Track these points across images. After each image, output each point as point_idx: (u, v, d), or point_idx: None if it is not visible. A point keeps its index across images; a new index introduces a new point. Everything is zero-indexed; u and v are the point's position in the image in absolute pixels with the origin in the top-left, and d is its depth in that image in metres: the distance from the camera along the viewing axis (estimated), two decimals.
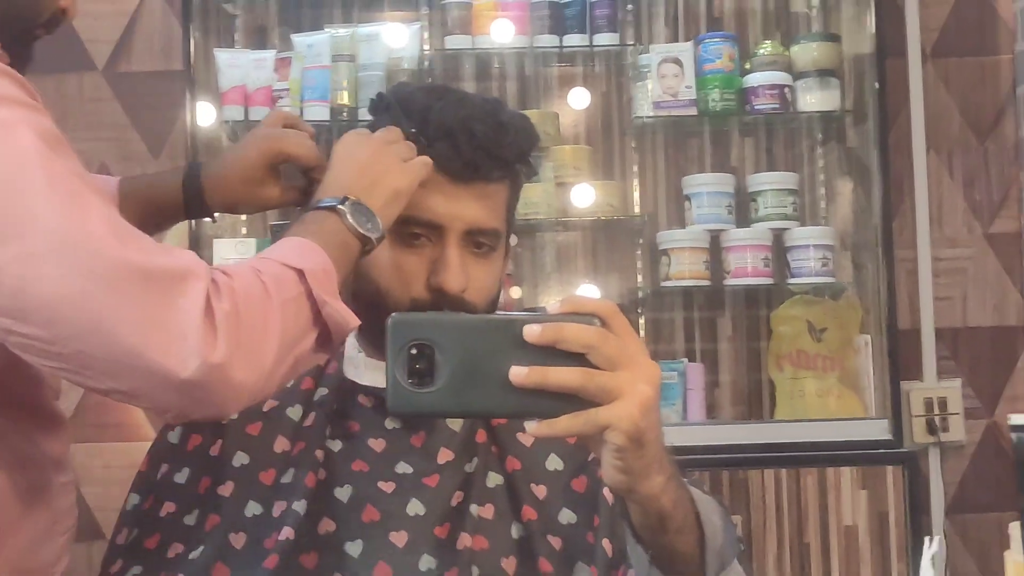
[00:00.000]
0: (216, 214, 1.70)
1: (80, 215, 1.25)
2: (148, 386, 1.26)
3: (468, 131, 1.55)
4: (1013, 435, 0.79)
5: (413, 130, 1.56)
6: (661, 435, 1.21)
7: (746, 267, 3.40)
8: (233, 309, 1.28)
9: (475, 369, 1.13)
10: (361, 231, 1.45)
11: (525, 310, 3.45)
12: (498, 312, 1.89)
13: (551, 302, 1.20)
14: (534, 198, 3.37)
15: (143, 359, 1.24)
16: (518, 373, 1.13)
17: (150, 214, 1.64)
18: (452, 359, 1.13)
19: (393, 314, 1.16)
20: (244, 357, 1.29)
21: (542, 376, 1.13)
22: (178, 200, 1.66)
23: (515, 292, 3.52)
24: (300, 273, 1.37)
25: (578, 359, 1.14)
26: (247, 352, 1.29)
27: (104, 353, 1.25)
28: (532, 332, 1.14)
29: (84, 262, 1.24)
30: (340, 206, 1.45)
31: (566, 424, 1.15)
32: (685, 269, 3.39)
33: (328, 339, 1.40)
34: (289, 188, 1.66)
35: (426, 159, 1.53)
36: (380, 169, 1.50)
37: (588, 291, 3.53)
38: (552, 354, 1.14)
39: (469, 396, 1.14)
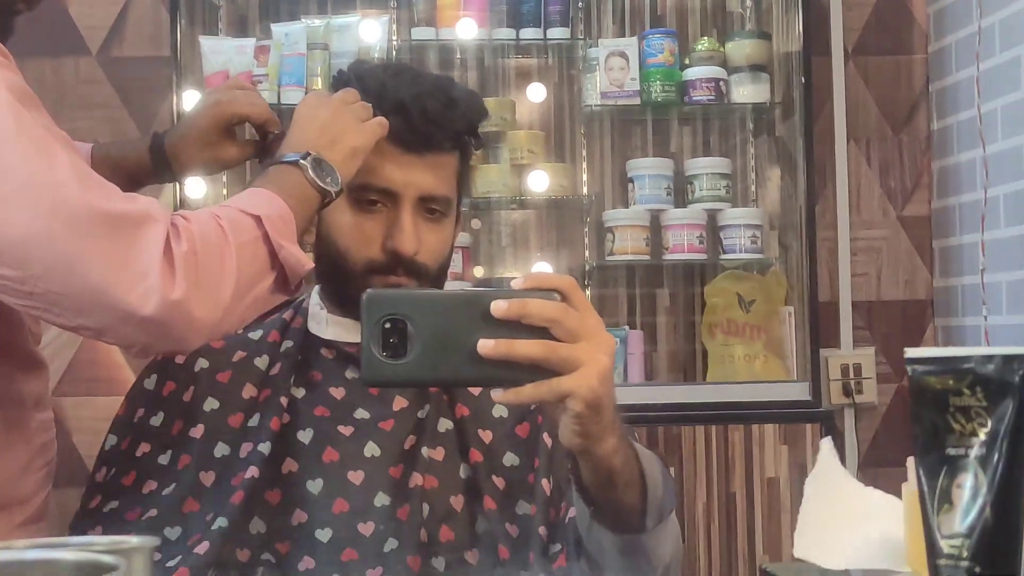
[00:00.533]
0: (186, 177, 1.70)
1: (47, 163, 1.24)
2: (112, 322, 1.26)
3: (420, 106, 1.55)
4: (908, 367, 0.78)
5: (370, 104, 1.55)
6: (615, 400, 1.22)
7: (683, 244, 3.39)
8: (191, 250, 1.28)
9: (445, 342, 1.12)
10: (321, 184, 1.44)
11: (485, 284, 3.45)
12: (466, 288, 1.90)
13: (515, 279, 1.19)
14: (492, 178, 3.37)
15: (107, 297, 1.24)
16: (485, 345, 1.13)
17: (121, 178, 1.62)
18: (423, 333, 1.12)
19: (368, 290, 1.15)
20: (202, 294, 1.28)
21: (508, 348, 1.13)
22: (146, 165, 1.65)
23: (478, 271, 3.50)
24: (257, 219, 1.36)
25: (541, 332, 1.14)
26: (204, 290, 1.28)
27: (71, 291, 1.24)
28: (498, 307, 1.13)
29: (50, 206, 1.23)
30: (302, 161, 1.44)
31: (530, 392, 1.15)
32: (628, 245, 3.39)
33: (285, 281, 1.40)
34: (246, 144, 1.65)
35: (382, 119, 1.52)
36: (339, 128, 1.49)
37: (541, 266, 3.52)
38: (517, 327, 1.13)
39: (439, 367, 1.13)
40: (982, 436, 0.74)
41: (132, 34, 3.54)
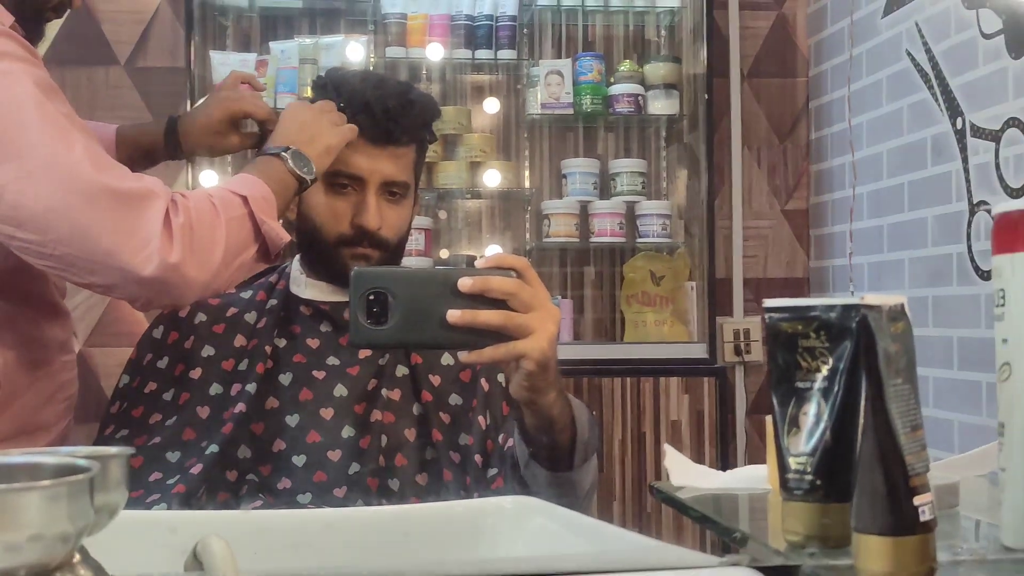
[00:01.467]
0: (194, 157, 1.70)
1: (66, 146, 1.23)
2: (119, 281, 1.25)
3: (383, 106, 1.55)
4: (766, 314, 0.77)
5: (342, 104, 1.55)
6: (557, 361, 1.22)
7: (606, 230, 3.39)
8: (187, 222, 1.27)
9: (420, 311, 1.12)
10: (299, 172, 1.45)
11: (449, 263, 3.44)
12: (437, 267, 1.89)
13: (479, 259, 1.19)
14: (450, 173, 3.35)
15: (115, 259, 1.23)
16: (453, 315, 1.12)
17: (140, 155, 1.63)
18: (402, 304, 1.11)
19: (356, 268, 1.14)
20: (195, 259, 1.27)
21: (472, 317, 1.13)
22: (160, 144, 1.64)
23: (443, 253, 3.49)
24: (244, 198, 1.36)
25: (500, 304, 1.14)
26: (198, 255, 1.28)
27: (84, 254, 1.23)
28: (465, 283, 1.13)
29: (67, 183, 1.22)
30: (283, 153, 1.44)
31: (490, 353, 1.16)
32: (561, 230, 3.38)
33: (267, 251, 1.39)
34: (246, 135, 1.64)
35: (352, 126, 1.53)
36: (317, 129, 1.49)
37: (493, 247, 3.51)
38: (480, 300, 1.13)
39: (414, 332, 1.12)
40: (824, 372, 0.74)
41: (154, 48, 3.48)
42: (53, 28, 3.31)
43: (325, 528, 0.87)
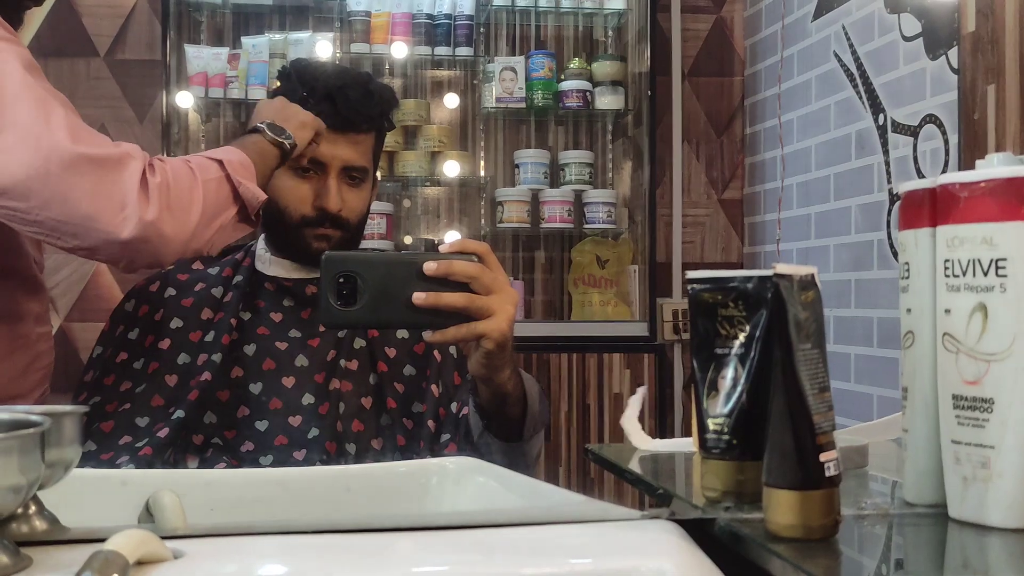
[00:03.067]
0: None
1: (44, 117, 1.21)
2: (100, 243, 1.24)
3: (344, 95, 1.54)
4: (688, 286, 0.77)
5: (304, 93, 1.53)
6: (512, 340, 1.21)
7: (556, 216, 3.38)
8: (163, 181, 1.26)
9: (387, 294, 1.10)
10: (277, 139, 1.43)
11: (413, 248, 3.42)
12: (404, 251, 1.88)
13: (442, 244, 1.18)
14: (410, 161, 3.34)
15: (95, 222, 1.21)
16: (419, 297, 1.11)
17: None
18: (370, 286, 1.10)
19: (327, 252, 1.13)
20: (172, 216, 1.26)
21: (436, 299, 1.12)
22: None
23: (407, 239, 3.47)
24: (220, 162, 1.34)
25: (463, 286, 1.13)
26: (174, 212, 1.26)
27: (67, 218, 1.22)
28: (429, 267, 1.12)
29: (46, 151, 1.20)
30: (260, 125, 1.43)
31: (453, 333, 1.15)
32: (514, 215, 3.37)
33: (247, 214, 1.37)
34: None
35: (320, 120, 1.51)
36: (291, 111, 1.48)
37: (451, 233, 3.50)
38: (444, 283, 1.12)
39: (382, 314, 1.11)
40: (741, 339, 0.74)
41: (132, 41, 3.43)
42: (37, 20, 3.29)
43: (274, 485, 0.86)
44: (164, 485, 0.66)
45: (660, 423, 3.18)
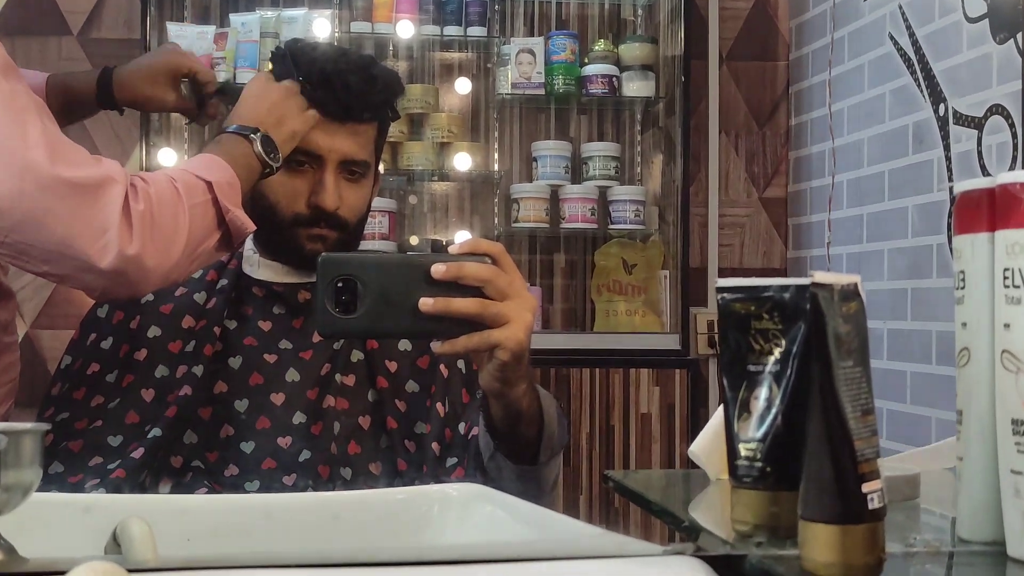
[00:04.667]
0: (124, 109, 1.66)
1: (20, 131, 1.21)
2: (74, 271, 1.24)
3: (344, 81, 1.53)
4: (718, 295, 0.77)
5: (300, 78, 1.53)
6: (529, 352, 1.21)
7: (577, 215, 3.39)
8: (147, 209, 1.25)
9: (390, 299, 1.10)
10: (266, 159, 1.43)
11: (419, 249, 3.43)
12: (409, 253, 1.88)
13: (452, 245, 1.18)
14: (416, 153, 3.35)
15: (70, 249, 1.22)
16: (426, 303, 1.11)
17: (71, 104, 1.60)
18: (372, 291, 1.10)
19: (324, 253, 1.13)
20: (155, 249, 1.26)
21: (446, 305, 1.11)
22: (93, 94, 1.61)
23: (413, 240, 3.48)
24: (209, 184, 1.34)
25: (474, 291, 1.13)
26: (158, 245, 1.26)
27: (38, 243, 1.22)
28: (438, 270, 1.12)
29: (20, 170, 1.21)
30: (252, 135, 1.42)
31: (464, 343, 1.14)
32: (530, 214, 3.38)
33: (229, 240, 1.38)
34: (183, 99, 1.63)
35: (315, 113, 1.51)
36: (284, 111, 1.47)
37: (461, 233, 3.50)
38: (453, 287, 1.11)
39: (385, 321, 1.11)
40: (777, 355, 0.74)
41: (109, 18, 3.46)
42: None
43: (255, 513, 0.87)
44: (134, 512, 0.66)
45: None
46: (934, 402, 2.67)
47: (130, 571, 0.55)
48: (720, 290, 0.77)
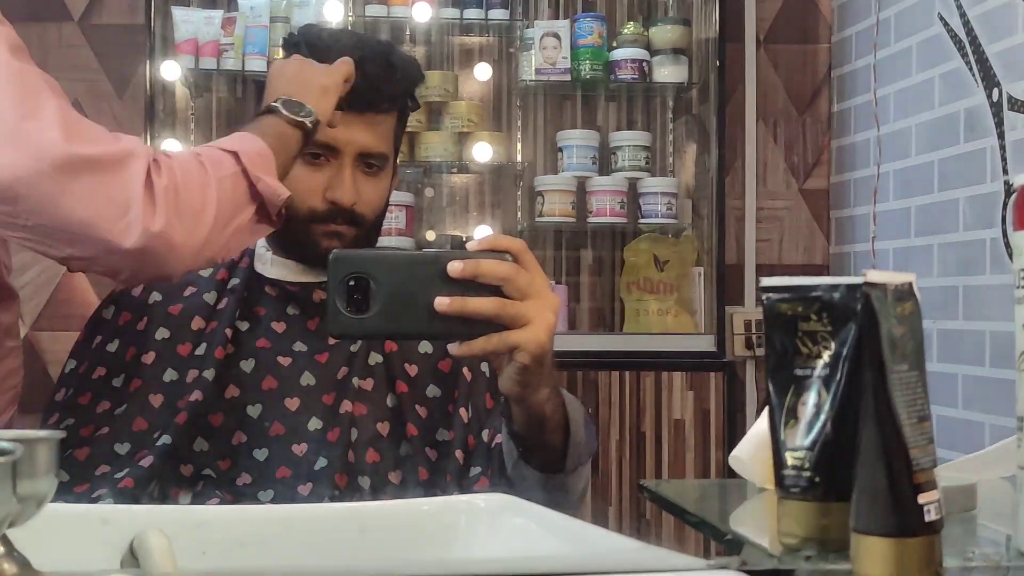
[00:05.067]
0: None
1: (33, 111, 1.23)
2: (99, 253, 1.25)
3: (362, 69, 1.53)
4: (763, 295, 0.78)
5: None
6: (552, 354, 1.21)
7: (605, 209, 3.40)
8: (171, 183, 1.26)
9: (405, 299, 1.10)
10: (296, 119, 1.42)
11: (436, 245, 3.44)
12: (424, 250, 1.89)
13: (471, 241, 1.18)
14: (434, 144, 3.36)
15: (93, 230, 1.23)
16: (442, 302, 1.11)
17: None
18: (385, 290, 1.10)
19: (335, 250, 1.13)
20: (182, 225, 1.26)
21: (462, 305, 1.11)
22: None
23: (430, 235, 3.49)
24: (235, 155, 1.34)
25: (493, 290, 1.13)
26: (184, 220, 1.27)
27: (60, 225, 1.23)
28: (454, 267, 1.12)
29: (36, 149, 1.22)
30: (273, 104, 1.42)
31: (482, 345, 1.14)
32: (555, 208, 3.39)
33: (267, 212, 1.38)
34: None
35: (348, 59, 1.50)
36: (306, 76, 1.47)
37: (482, 228, 3.51)
38: (471, 286, 1.11)
39: (399, 322, 1.11)
40: (826, 358, 0.74)
41: (111, 2, 3.48)
42: None
43: (274, 524, 0.87)
44: (145, 522, 0.67)
45: (729, 455, 3.17)
46: (988, 407, 2.66)
47: None
48: (764, 290, 0.78)
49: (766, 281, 0.78)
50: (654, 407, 3.17)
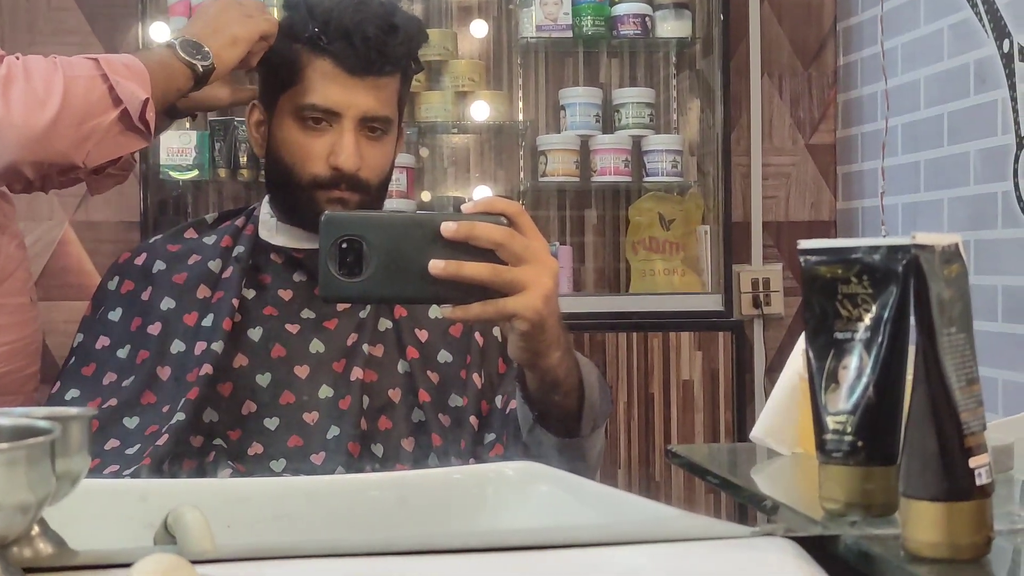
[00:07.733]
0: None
1: None
2: None
3: (363, 32, 1.52)
4: (801, 257, 0.77)
5: (316, 28, 1.53)
6: (559, 318, 1.21)
7: (609, 167, 3.38)
8: (9, 74, 1.35)
9: (398, 261, 1.10)
10: (188, 59, 1.46)
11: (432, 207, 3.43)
12: (419, 212, 1.87)
13: (466, 203, 1.17)
14: (434, 104, 3.34)
15: None
16: (436, 265, 1.10)
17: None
18: (378, 252, 1.09)
19: (326, 212, 1.13)
20: (22, 108, 1.34)
21: (457, 268, 1.11)
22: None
23: (425, 196, 3.48)
24: (95, 60, 1.40)
25: (489, 254, 1.12)
26: (26, 104, 1.35)
27: None
28: (448, 229, 1.11)
29: None
30: (172, 40, 1.47)
31: (478, 311, 1.14)
32: (559, 167, 3.37)
33: (131, 120, 1.42)
34: (240, 89, 1.65)
35: (272, 18, 1.54)
36: (224, 21, 1.50)
37: (481, 189, 3.50)
38: (466, 249, 1.11)
39: (392, 285, 1.11)
40: (867, 321, 0.74)
41: None
42: None
43: (307, 497, 0.87)
44: (181, 497, 0.67)
45: (738, 416, 3.18)
46: (1001, 363, 2.67)
47: (192, 562, 0.55)
48: (803, 252, 0.77)
49: (804, 243, 0.78)
50: (662, 368, 3.17)
